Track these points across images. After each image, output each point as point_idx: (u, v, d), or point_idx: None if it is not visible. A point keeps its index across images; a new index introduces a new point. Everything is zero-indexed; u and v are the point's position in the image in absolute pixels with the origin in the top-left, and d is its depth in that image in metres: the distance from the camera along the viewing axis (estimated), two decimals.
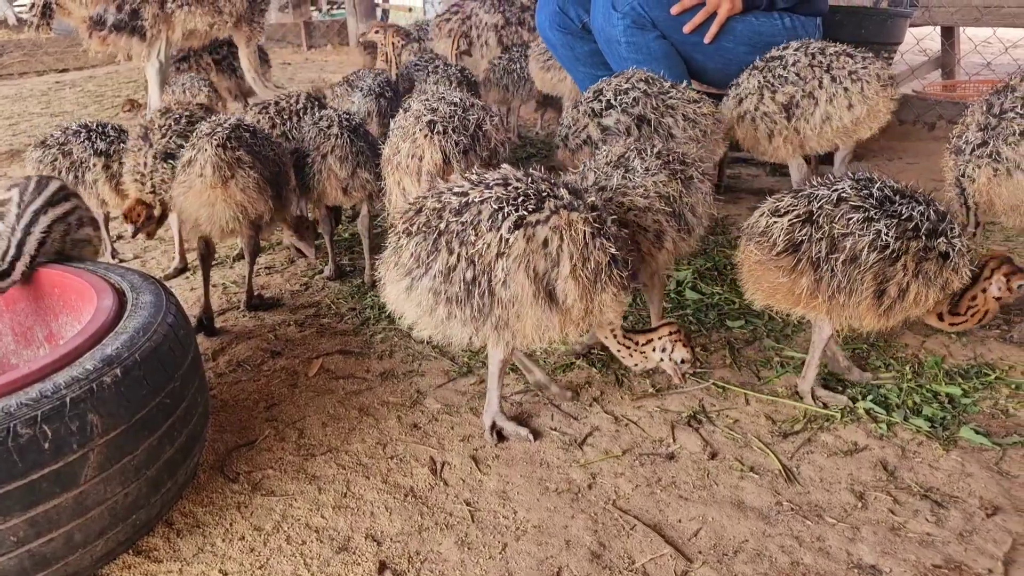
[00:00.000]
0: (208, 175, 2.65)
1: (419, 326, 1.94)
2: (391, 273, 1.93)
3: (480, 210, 1.84)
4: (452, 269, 1.83)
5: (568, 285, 1.84)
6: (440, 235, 1.85)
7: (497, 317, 1.84)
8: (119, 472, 1.63)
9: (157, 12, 4.65)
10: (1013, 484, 1.93)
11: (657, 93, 2.91)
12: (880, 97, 3.12)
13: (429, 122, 2.46)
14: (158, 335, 1.79)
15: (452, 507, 1.91)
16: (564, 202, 1.86)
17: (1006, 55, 5.88)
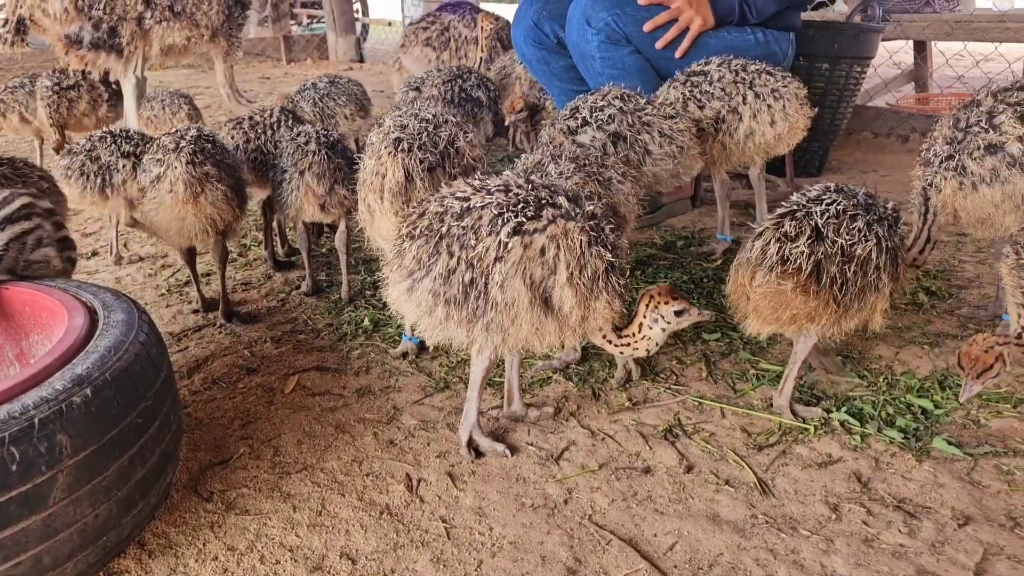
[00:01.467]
0: (179, 192, 2.73)
1: (419, 326, 1.97)
2: (394, 274, 1.96)
3: (481, 215, 1.86)
4: (452, 272, 1.86)
5: (565, 292, 1.86)
6: (441, 238, 1.88)
7: (490, 319, 1.86)
8: (89, 493, 1.61)
9: (135, 29, 4.64)
10: (984, 494, 1.95)
11: (633, 110, 2.93)
12: (800, 115, 3.18)
13: (395, 139, 2.43)
14: (130, 354, 1.77)
15: (428, 524, 1.91)
16: (562, 210, 1.88)
17: (977, 68, 5.96)
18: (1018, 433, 2.19)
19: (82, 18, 4.56)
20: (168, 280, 3.50)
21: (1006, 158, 2.34)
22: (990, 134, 2.37)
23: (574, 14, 3.65)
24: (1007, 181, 2.35)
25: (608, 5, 3.57)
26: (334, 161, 2.99)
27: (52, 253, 2.38)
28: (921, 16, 6.06)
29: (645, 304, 2.10)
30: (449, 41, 5.48)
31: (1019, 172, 2.33)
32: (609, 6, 3.57)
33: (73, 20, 4.57)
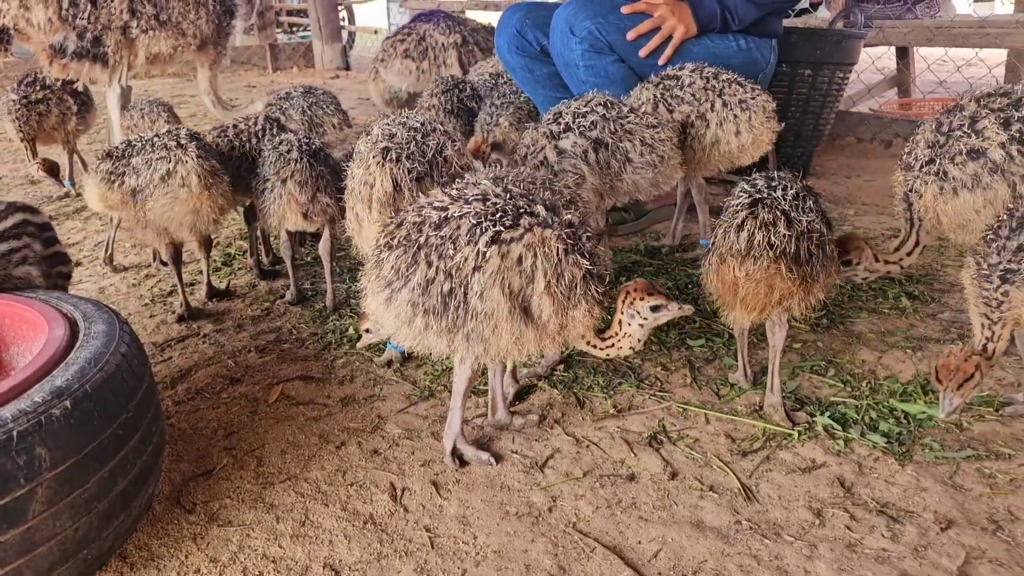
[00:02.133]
0: (193, 184, 2.89)
1: (398, 336, 1.96)
2: (372, 285, 1.96)
3: (459, 224, 1.86)
4: (430, 282, 1.85)
5: (543, 301, 1.86)
6: (419, 248, 1.87)
7: (470, 329, 1.86)
8: (69, 506, 1.60)
9: (120, 39, 4.61)
10: (966, 498, 1.96)
11: (616, 117, 2.94)
12: (765, 128, 3.21)
13: (384, 149, 2.42)
14: (110, 365, 1.76)
15: (412, 533, 1.90)
16: (539, 219, 1.88)
17: (958, 74, 6.01)
18: (1000, 436, 2.20)
19: (66, 27, 4.53)
20: (152, 290, 3.48)
21: (988, 164, 2.35)
22: (972, 139, 2.38)
23: (557, 23, 3.66)
24: (988, 187, 2.36)
25: (591, 14, 3.58)
26: (316, 169, 2.99)
27: (35, 273, 2.38)
28: (903, 22, 6.11)
29: (622, 300, 2.08)
30: (427, 50, 5.48)
31: (1000, 178, 2.34)
32: (592, 15, 3.58)
33: (58, 29, 4.54)
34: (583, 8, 3.63)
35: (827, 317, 2.91)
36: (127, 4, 4.54)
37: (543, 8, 3.90)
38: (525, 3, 4.15)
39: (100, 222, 4.45)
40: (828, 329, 2.84)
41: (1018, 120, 2.34)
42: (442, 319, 1.86)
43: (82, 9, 4.50)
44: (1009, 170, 2.33)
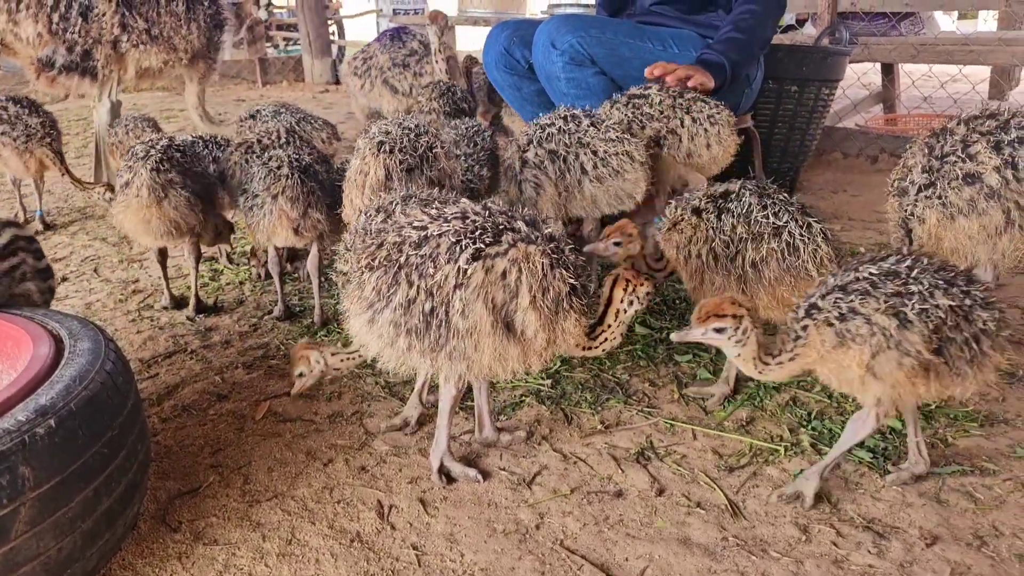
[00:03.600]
0: (144, 196, 2.99)
1: (382, 357, 1.95)
2: (354, 307, 1.95)
3: (439, 243, 1.86)
4: (412, 301, 1.85)
5: (528, 316, 1.86)
6: (400, 268, 1.87)
7: (452, 347, 1.85)
8: (52, 526, 1.59)
9: (110, 53, 4.60)
10: (951, 513, 1.97)
11: (575, 130, 2.99)
12: (731, 140, 3.27)
13: (379, 142, 2.65)
14: (95, 383, 1.75)
15: (399, 552, 1.90)
16: (521, 235, 1.89)
17: (943, 90, 6.08)
18: (984, 452, 2.21)
19: (56, 41, 4.51)
20: (139, 305, 3.47)
21: (984, 189, 2.32)
22: (967, 164, 2.35)
23: (540, 37, 3.69)
24: (984, 213, 2.33)
25: (573, 28, 3.61)
26: (307, 185, 2.99)
27: (33, 287, 2.39)
28: (888, 39, 6.17)
29: (623, 289, 2.07)
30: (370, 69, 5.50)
31: (996, 204, 2.32)
32: (574, 29, 3.61)
33: (47, 43, 4.53)
34: (565, 23, 3.66)
35: None
36: (118, 19, 4.53)
37: (530, 26, 3.92)
38: (512, 21, 4.18)
39: (87, 237, 4.44)
40: None
41: (1008, 144, 2.33)
42: (424, 338, 1.85)
43: (72, 23, 4.49)
44: (1005, 196, 2.32)
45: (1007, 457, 2.19)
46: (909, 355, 1.76)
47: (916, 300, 1.76)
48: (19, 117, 4.29)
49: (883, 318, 1.76)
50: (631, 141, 3.00)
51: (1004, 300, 3.11)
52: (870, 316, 1.78)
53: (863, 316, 1.79)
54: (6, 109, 4.30)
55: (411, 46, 5.42)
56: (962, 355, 1.78)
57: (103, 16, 4.52)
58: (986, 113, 2.44)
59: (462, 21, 9.75)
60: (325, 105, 8.99)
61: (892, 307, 1.77)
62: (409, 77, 5.33)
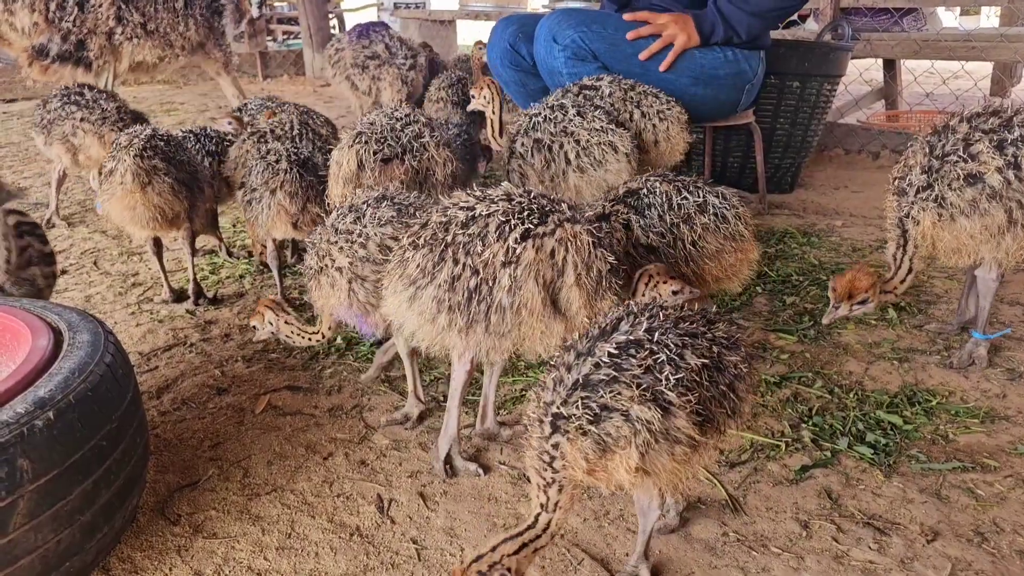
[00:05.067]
0: (128, 183, 2.98)
1: (419, 335, 1.95)
2: (395, 284, 1.95)
3: (487, 223, 1.86)
4: (456, 278, 1.84)
5: (572, 293, 1.86)
6: (447, 247, 1.87)
7: (495, 323, 1.84)
8: (51, 518, 1.58)
9: (104, 44, 4.60)
10: (952, 509, 1.97)
11: (560, 119, 3.00)
12: (680, 138, 3.26)
13: (357, 133, 2.71)
14: (94, 376, 1.75)
15: (398, 546, 1.89)
16: (567, 215, 1.90)
17: (945, 86, 6.07)
18: (985, 448, 2.21)
19: (52, 29, 4.52)
20: (138, 298, 3.46)
21: (986, 189, 2.30)
22: (969, 164, 2.32)
23: (541, 31, 3.68)
24: (986, 213, 2.31)
25: (575, 23, 3.60)
26: (306, 179, 2.99)
27: (38, 272, 2.40)
28: (890, 35, 6.15)
29: (644, 283, 2.09)
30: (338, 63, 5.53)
31: (998, 204, 2.30)
32: (576, 24, 3.60)
33: (43, 32, 4.54)
34: (566, 17, 3.65)
35: (814, 328, 2.92)
36: (114, 10, 4.54)
37: (536, 22, 3.90)
38: (516, 16, 4.16)
39: (87, 229, 4.43)
40: (815, 340, 2.85)
41: (1011, 143, 2.30)
42: (465, 314, 1.84)
43: (69, 12, 4.50)
44: (1007, 195, 2.29)
45: (1008, 453, 2.19)
46: (680, 442, 1.50)
47: (669, 371, 1.49)
48: (96, 102, 4.20)
49: (643, 410, 1.46)
50: (616, 132, 3.00)
51: (1004, 297, 3.11)
52: (628, 410, 1.47)
53: (620, 412, 1.47)
54: (82, 95, 4.19)
55: (374, 49, 5.43)
56: (722, 410, 1.57)
57: (99, 7, 4.52)
58: (989, 110, 2.42)
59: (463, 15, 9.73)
60: (326, 99, 8.97)
61: (647, 391, 1.47)
62: (367, 79, 5.37)
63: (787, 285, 3.36)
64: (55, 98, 4.14)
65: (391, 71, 5.34)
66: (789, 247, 3.85)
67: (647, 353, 1.51)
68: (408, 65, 5.39)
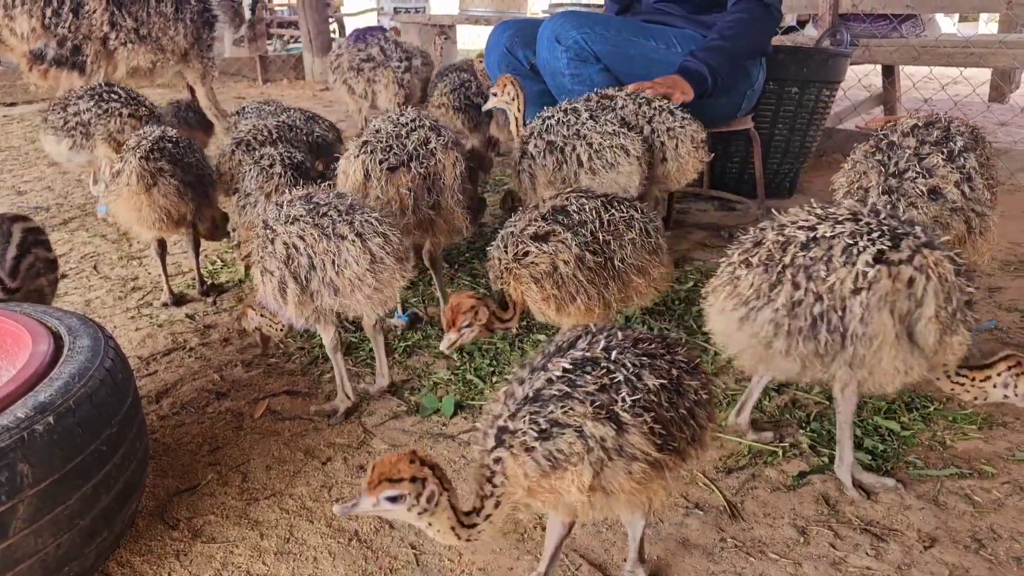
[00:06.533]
0: (133, 184, 3.02)
1: (744, 357, 1.91)
2: (724, 303, 1.90)
3: (831, 245, 1.78)
4: (797, 303, 1.78)
5: (930, 327, 1.76)
6: (784, 268, 1.81)
7: (851, 354, 1.78)
8: (51, 523, 1.59)
9: (99, 49, 4.65)
10: (950, 515, 1.97)
11: (573, 122, 3.01)
12: (691, 157, 3.20)
13: (363, 142, 2.71)
14: (94, 380, 1.75)
15: (397, 551, 1.90)
16: (923, 240, 1.79)
17: (943, 92, 6.08)
18: (983, 455, 2.21)
19: (48, 35, 4.57)
20: (138, 303, 3.47)
21: (947, 204, 2.29)
22: (929, 179, 2.30)
23: (544, 32, 3.69)
24: (948, 227, 2.30)
25: (578, 24, 3.61)
26: (301, 183, 2.99)
27: (45, 283, 2.44)
28: (889, 41, 6.17)
29: (1007, 367, 1.99)
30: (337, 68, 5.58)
31: (959, 218, 2.30)
32: (578, 25, 3.61)
33: (40, 37, 4.58)
34: (570, 19, 3.67)
35: None
36: (107, 16, 4.59)
37: (532, 26, 3.92)
38: (514, 21, 4.18)
39: (87, 234, 4.43)
40: None
41: (959, 154, 2.30)
42: (810, 343, 1.77)
43: (64, 18, 4.55)
44: (964, 208, 2.29)
45: (1005, 460, 2.19)
46: (637, 459, 1.44)
47: (626, 391, 1.44)
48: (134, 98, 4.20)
49: (597, 426, 1.41)
50: (627, 135, 3.01)
51: (1002, 304, 3.12)
52: (582, 426, 1.42)
53: (573, 428, 1.42)
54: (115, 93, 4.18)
55: (370, 52, 5.45)
56: (683, 435, 1.50)
57: (93, 13, 4.56)
58: (926, 121, 2.40)
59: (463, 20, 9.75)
60: (325, 103, 8.98)
61: (601, 408, 1.43)
62: (363, 83, 5.39)
63: None
64: (81, 99, 4.13)
65: (386, 74, 5.36)
66: None
67: (603, 371, 1.46)
68: (403, 68, 5.41)
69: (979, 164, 2.36)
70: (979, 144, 2.44)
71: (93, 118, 4.07)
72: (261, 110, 4.44)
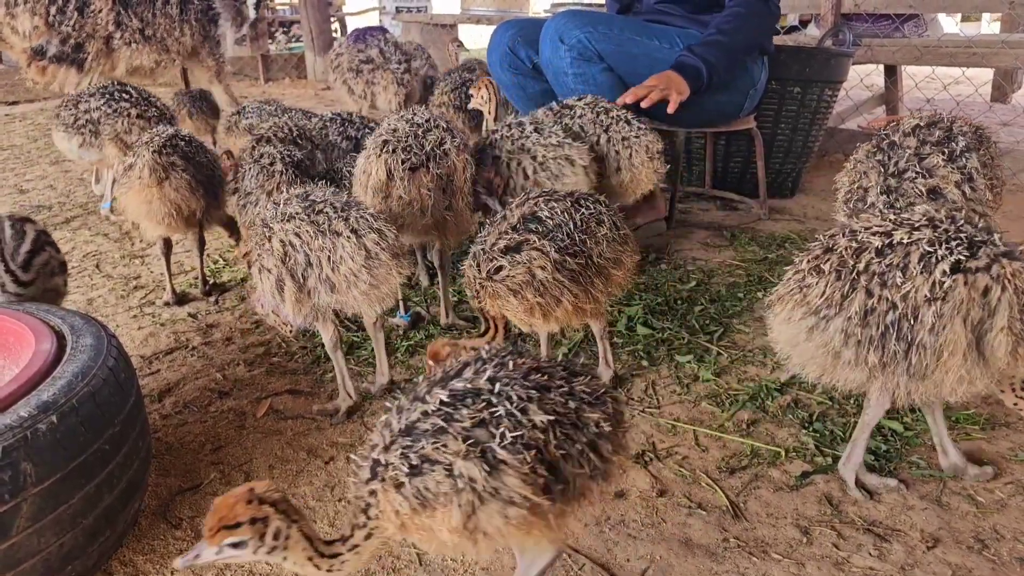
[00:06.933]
0: (145, 177, 3.04)
1: (809, 367, 1.87)
2: (791, 311, 1.85)
3: (908, 252, 1.74)
4: (870, 312, 1.75)
5: (1000, 338, 1.72)
6: (858, 275, 1.77)
7: (913, 365, 1.74)
8: (54, 522, 1.59)
9: (101, 47, 4.66)
10: (952, 516, 1.97)
11: (517, 137, 3.05)
12: (644, 167, 3.21)
13: (383, 141, 2.70)
14: (97, 379, 1.76)
15: (400, 550, 1.89)
16: (1002, 250, 1.74)
17: (945, 92, 6.07)
18: (986, 455, 2.21)
19: (51, 32, 4.58)
20: (140, 302, 3.47)
21: (946, 204, 2.28)
22: (929, 179, 2.30)
23: (547, 32, 3.69)
24: None
25: (581, 23, 3.62)
26: (302, 181, 2.99)
27: (60, 281, 2.45)
28: (891, 41, 6.17)
29: None
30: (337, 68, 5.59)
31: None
32: (582, 24, 3.61)
33: (43, 34, 4.58)
34: (573, 18, 3.67)
35: None
36: (113, 16, 4.59)
37: (534, 26, 3.92)
38: (516, 21, 4.18)
39: (89, 232, 4.44)
40: None
41: (960, 155, 2.30)
42: (879, 352, 1.74)
43: (69, 16, 4.55)
44: (965, 208, 2.28)
45: (1008, 460, 2.19)
46: (515, 504, 1.32)
47: (506, 427, 1.32)
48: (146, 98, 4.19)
49: (468, 466, 1.30)
50: (572, 145, 3.02)
51: None
52: (452, 464, 1.31)
53: (443, 466, 1.32)
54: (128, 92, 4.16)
55: (369, 53, 5.46)
56: (581, 471, 1.38)
57: (99, 12, 4.56)
58: (928, 122, 2.40)
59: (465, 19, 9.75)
60: (327, 102, 8.98)
61: (475, 445, 1.31)
62: (361, 84, 5.40)
63: None
64: (92, 97, 4.11)
65: (386, 75, 5.36)
66: (790, 252, 3.85)
67: (484, 404, 1.34)
68: (403, 69, 5.41)
69: (982, 164, 2.36)
70: (983, 144, 2.44)
71: (102, 116, 4.06)
72: (262, 110, 4.45)
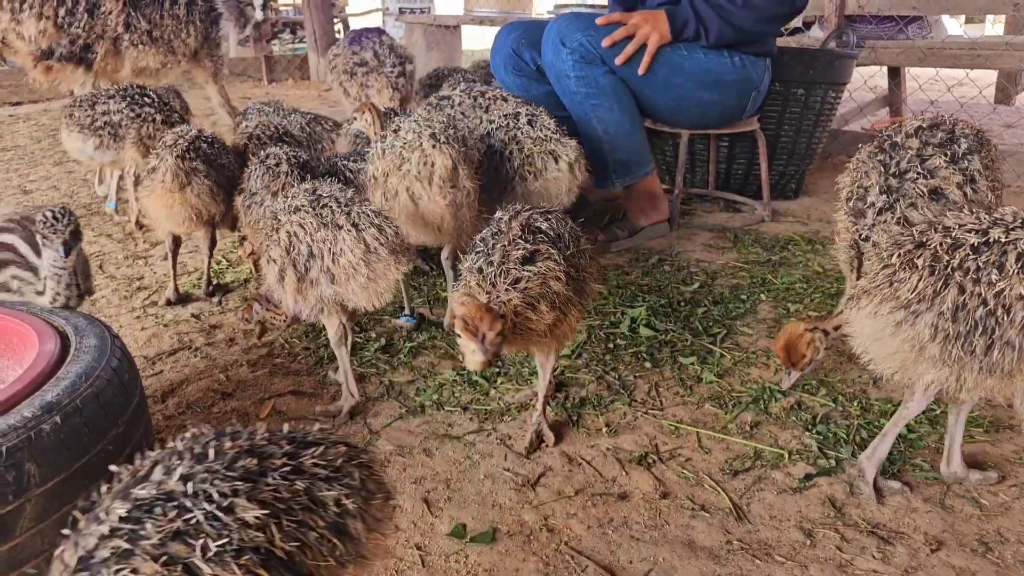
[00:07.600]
0: (168, 182, 3.06)
1: (889, 362, 1.85)
2: (880, 305, 1.82)
3: (1005, 249, 1.72)
4: (961, 307, 1.72)
5: None
6: (953, 271, 1.75)
7: (994, 362, 1.72)
8: (57, 523, 1.58)
9: (109, 48, 4.67)
10: (956, 519, 1.97)
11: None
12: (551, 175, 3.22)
13: (432, 134, 2.69)
14: (101, 380, 1.76)
15: (402, 552, 1.89)
16: None
17: (949, 94, 6.07)
18: (990, 458, 2.21)
19: (60, 34, 4.58)
20: (143, 302, 3.47)
21: (948, 205, 2.27)
22: (931, 180, 2.29)
23: (549, 34, 3.70)
24: None
25: (582, 26, 3.62)
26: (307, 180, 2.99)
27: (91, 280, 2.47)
28: (895, 43, 6.16)
29: None
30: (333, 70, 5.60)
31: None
32: (583, 27, 3.62)
33: (51, 37, 4.59)
34: (574, 21, 3.68)
35: None
36: (123, 17, 4.60)
37: (538, 28, 3.93)
38: (520, 23, 4.19)
39: (92, 233, 4.44)
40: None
41: (962, 156, 2.30)
42: (964, 348, 1.73)
43: (79, 18, 4.56)
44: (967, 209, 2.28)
45: (1012, 463, 2.19)
46: None
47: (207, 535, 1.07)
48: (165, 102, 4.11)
49: None
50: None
51: None
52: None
53: None
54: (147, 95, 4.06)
55: (363, 56, 5.45)
56: (325, 561, 1.17)
57: (109, 14, 4.58)
58: (930, 123, 2.40)
59: (468, 21, 9.75)
60: (330, 103, 8.99)
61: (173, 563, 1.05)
62: (355, 86, 5.40)
63: (791, 292, 3.36)
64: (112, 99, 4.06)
65: (379, 79, 5.35)
66: (793, 254, 3.85)
67: (176, 511, 1.09)
68: (397, 72, 5.39)
69: (983, 166, 2.36)
70: (984, 146, 2.44)
71: (125, 120, 4.03)
72: (263, 111, 4.44)
